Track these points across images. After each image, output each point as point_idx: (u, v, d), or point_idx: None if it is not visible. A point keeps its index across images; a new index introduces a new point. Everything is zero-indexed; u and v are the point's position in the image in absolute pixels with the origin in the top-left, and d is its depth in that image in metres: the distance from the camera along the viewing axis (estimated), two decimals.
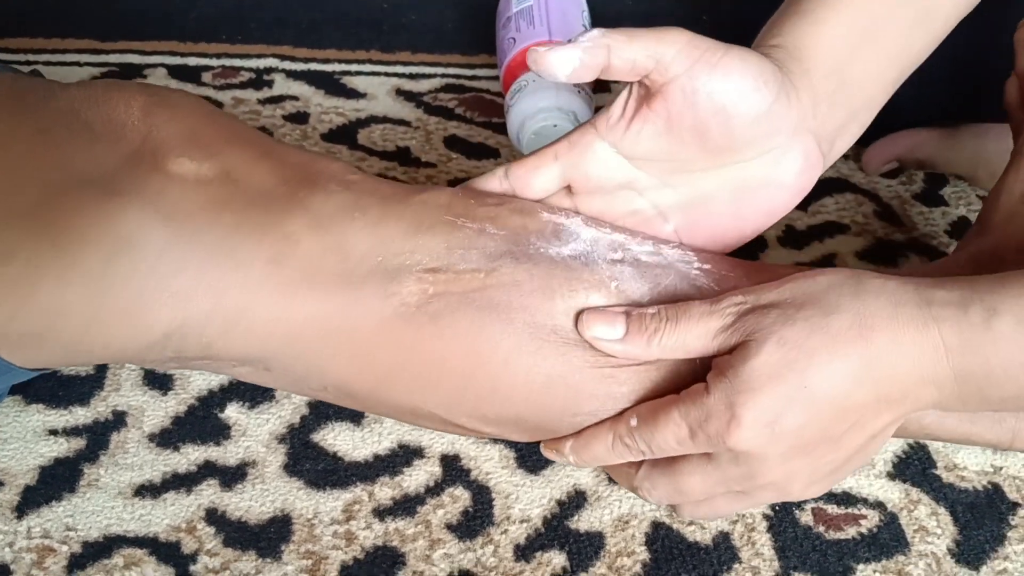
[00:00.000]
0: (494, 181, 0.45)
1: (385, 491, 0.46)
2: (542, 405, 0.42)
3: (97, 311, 0.40)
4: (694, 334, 0.40)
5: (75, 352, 0.41)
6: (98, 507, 0.44)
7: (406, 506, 0.45)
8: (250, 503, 0.45)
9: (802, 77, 0.42)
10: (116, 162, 0.41)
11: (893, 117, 0.69)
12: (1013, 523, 0.47)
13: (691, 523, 0.45)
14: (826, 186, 0.68)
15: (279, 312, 0.41)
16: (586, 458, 0.43)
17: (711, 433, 0.38)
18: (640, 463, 0.43)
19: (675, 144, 0.42)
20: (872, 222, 0.65)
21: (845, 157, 0.70)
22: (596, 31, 0.40)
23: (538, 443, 0.45)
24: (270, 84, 0.74)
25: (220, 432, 0.48)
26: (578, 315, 0.41)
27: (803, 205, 0.65)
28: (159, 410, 0.49)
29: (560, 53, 0.39)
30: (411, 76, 0.76)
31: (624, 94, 0.42)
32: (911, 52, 0.45)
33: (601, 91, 0.73)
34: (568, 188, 0.45)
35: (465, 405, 0.43)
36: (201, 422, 0.49)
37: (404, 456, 0.48)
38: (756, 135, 0.42)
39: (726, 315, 0.40)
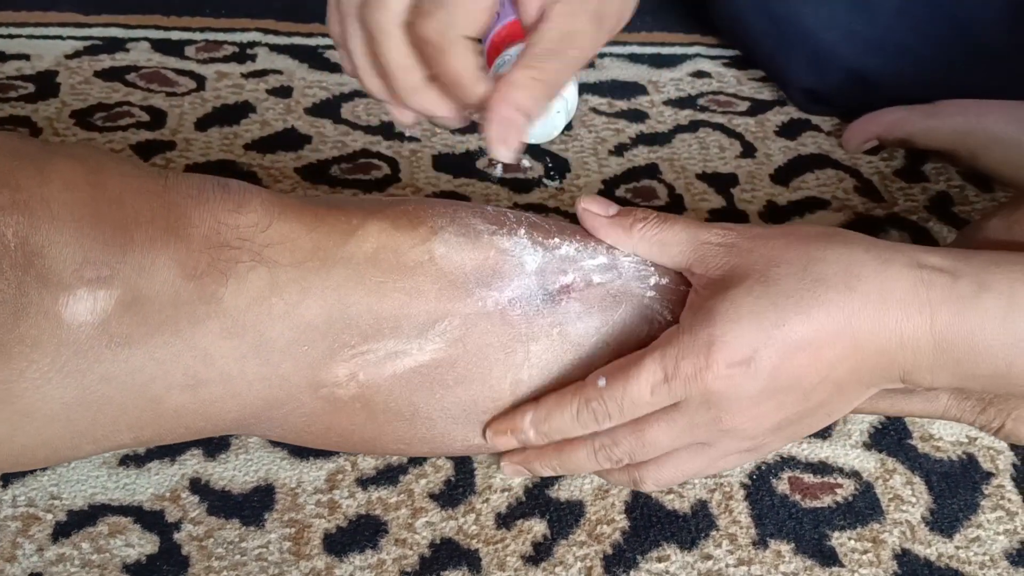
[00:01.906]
0: None
1: (368, 461, 0.46)
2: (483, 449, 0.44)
3: (12, 466, 0.41)
4: (678, 237, 0.41)
5: None
6: (83, 476, 0.45)
7: (389, 476, 0.46)
8: (234, 472, 0.45)
9: None
10: (2, 316, 0.37)
11: (873, 96, 0.69)
12: (986, 492, 0.47)
13: (670, 492, 0.46)
14: (807, 162, 0.68)
15: (203, 424, 0.41)
16: (546, 430, 0.41)
17: (686, 373, 0.37)
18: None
19: None
20: (853, 198, 0.66)
21: (827, 133, 0.71)
22: None
23: None
24: (253, 58, 0.74)
25: None
26: (489, 423, 0.42)
27: (784, 181, 0.66)
28: None
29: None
30: None
31: None
32: None
33: (586, 67, 0.73)
34: None
35: (410, 453, 0.45)
36: None
37: None
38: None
39: (714, 232, 0.40)
